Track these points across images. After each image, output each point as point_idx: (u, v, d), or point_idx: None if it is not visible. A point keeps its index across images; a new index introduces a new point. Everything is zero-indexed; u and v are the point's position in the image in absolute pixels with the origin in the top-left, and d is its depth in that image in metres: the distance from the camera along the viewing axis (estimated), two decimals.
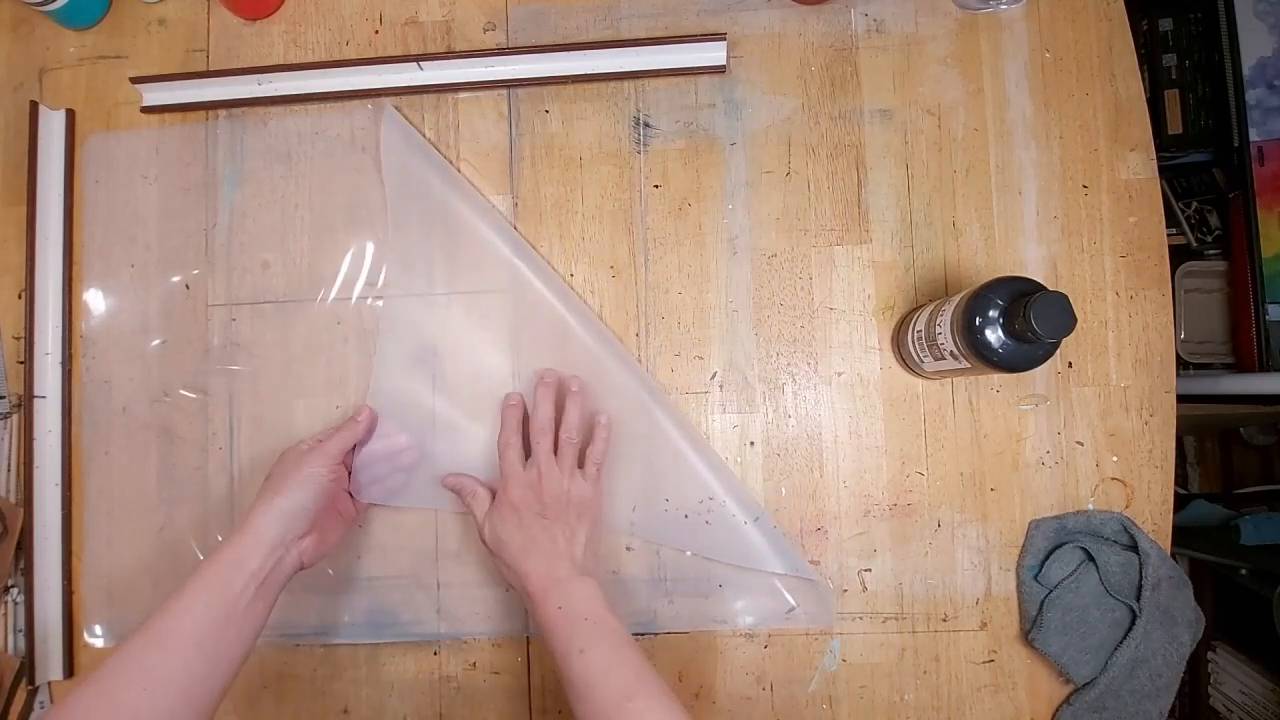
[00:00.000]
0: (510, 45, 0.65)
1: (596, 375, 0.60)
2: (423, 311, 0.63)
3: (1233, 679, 1.14)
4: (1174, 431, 0.60)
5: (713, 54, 0.63)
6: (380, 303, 0.63)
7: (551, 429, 0.56)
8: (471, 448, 0.61)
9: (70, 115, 0.66)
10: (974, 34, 0.63)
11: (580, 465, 0.56)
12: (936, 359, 0.54)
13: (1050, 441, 0.60)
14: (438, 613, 0.61)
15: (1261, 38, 1.05)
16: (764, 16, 0.64)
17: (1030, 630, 0.58)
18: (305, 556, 0.52)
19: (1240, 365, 1.09)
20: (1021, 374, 0.60)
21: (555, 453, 0.56)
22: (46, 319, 0.64)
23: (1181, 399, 0.60)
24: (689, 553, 0.60)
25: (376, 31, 0.66)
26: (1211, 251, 1.15)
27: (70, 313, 0.65)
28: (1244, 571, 1.11)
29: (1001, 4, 0.62)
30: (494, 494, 0.56)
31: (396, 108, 0.64)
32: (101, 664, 0.44)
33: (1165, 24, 1.13)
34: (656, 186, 0.63)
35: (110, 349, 0.64)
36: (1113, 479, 0.60)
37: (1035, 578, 0.58)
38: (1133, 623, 0.57)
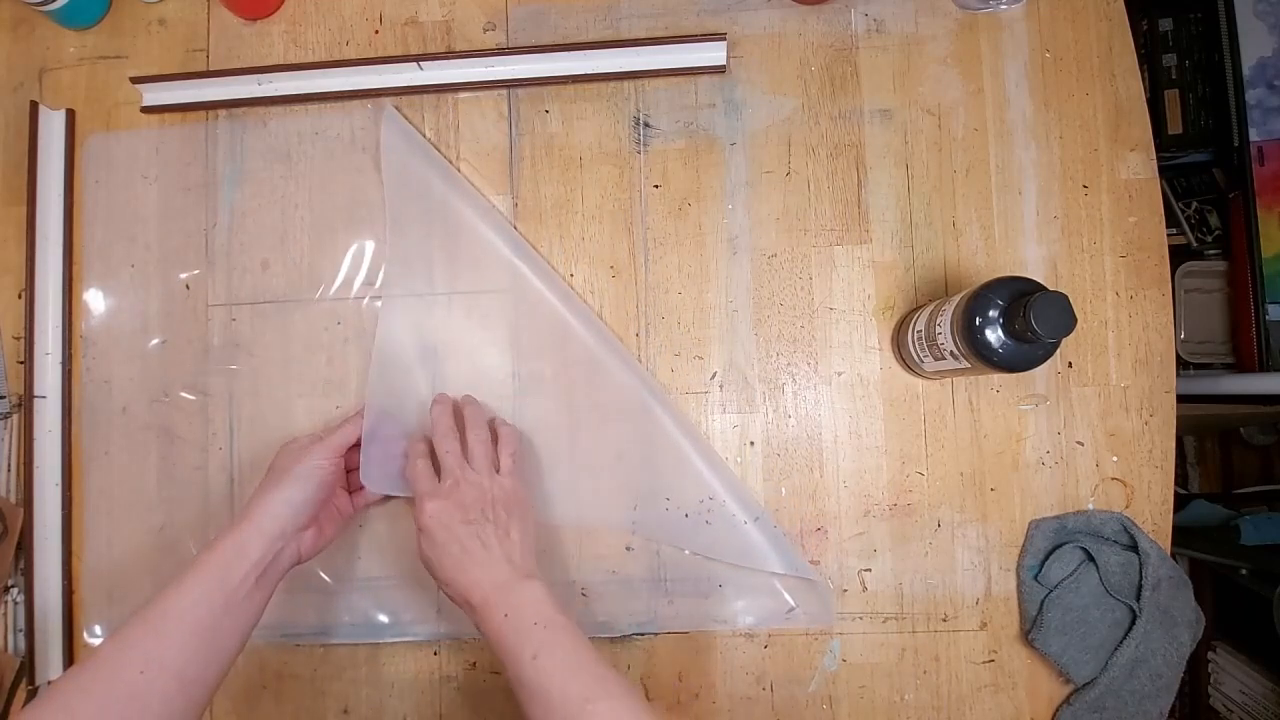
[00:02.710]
0: (510, 45, 0.65)
1: (596, 375, 0.60)
2: (423, 311, 0.63)
3: (1233, 679, 1.14)
4: (1174, 431, 0.60)
5: (713, 54, 0.63)
6: (380, 302, 0.63)
7: (455, 434, 0.54)
8: None
9: (70, 115, 0.66)
10: (974, 34, 0.63)
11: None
12: (936, 359, 0.54)
13: (1050, 441, 0.60)
14: (438, 613, 0.61)
15: (1261, 38, 1.05)
16: (764, 16, 0.64)
17: (1030, 630, 0.58)
18: (304, 549, 0.52)
19: (1240, 365, 1.09)
20: (1021, 374, 0.60)
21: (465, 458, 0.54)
22: (46, 319, 0.64)
23: (1181, 399, 0.60)
24: (688, 551, 0.60)
25: (376, 31, 0.66)
26: (1211, 251, 1.15)
27: (70, 313, 0.65)
28: (1244, 571, 1.11)
29: (1001, 4, 0.62)
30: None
31: (396, 108, 0.64)
32: (98, 646, 0.44)
33: (1165, 24, 1.13)
34: (656, 186, 0.63)
35: (110, 349, 0.64)
36: (1113, 479, 0.60)
37: (1035, 578, 0.58)
38: (1133, 623, 0.57)
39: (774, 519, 0.60)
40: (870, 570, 0.60)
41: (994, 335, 0.48)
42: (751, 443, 0.61)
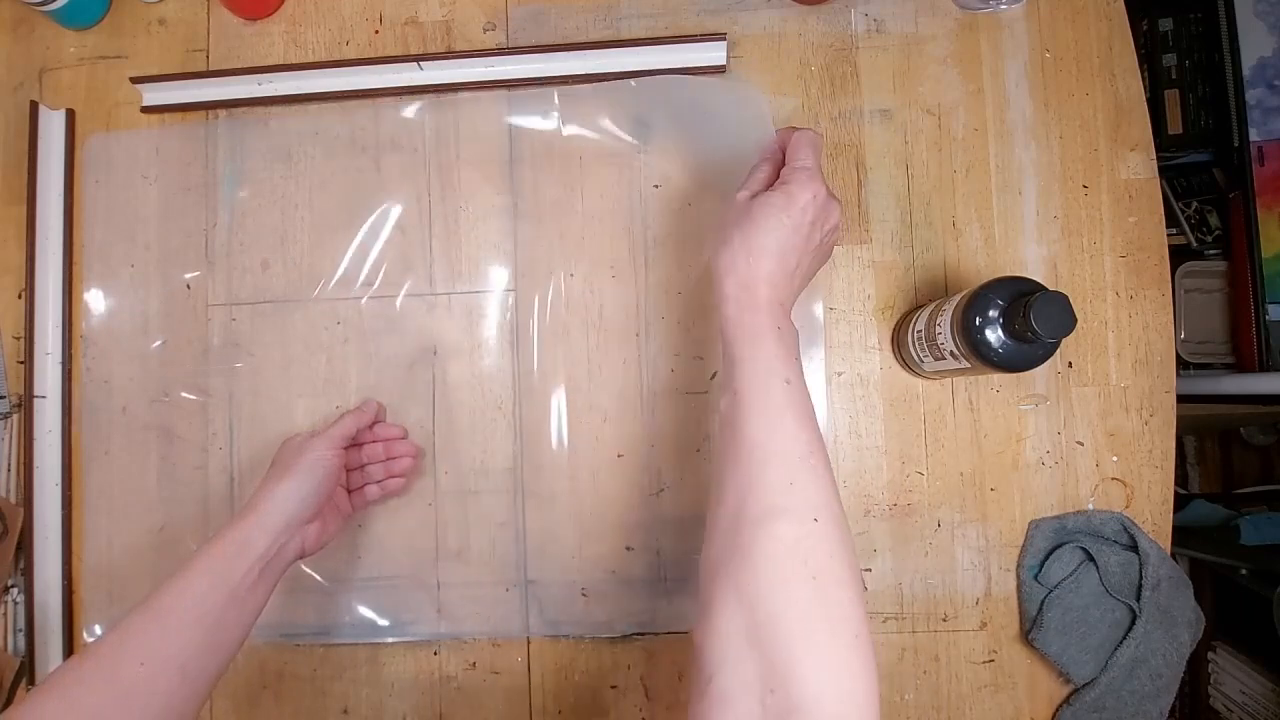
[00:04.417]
0: (510, 45, 0.65)
1: (597, 374, 0.60)
2: (423, 311, 0.63)
3: (1233, 679, 1.14)
4: (1174, 431, 0.60)
5: (713, 54, 0.63)
6: (380, 303, 0.63)
7: (821, 145, 0.49)
8: (471, 450, 0.61)
9: (70, 115, 0.66)
10: (974, 34, 0.63)
11: None
12: (936, 359, 0.54)
13: (1050, 441, 0.60)
14: (438, 613, 0.61)
15: (1261, 38, 1.05)
16: (764, 16, 0.64)
17: (1030, 630, 0.58)
18: (308, 543, 0.52)
19: (1240, 365, 1.08)
20: (1021, 374, 0.60)
21: None
22: (46, 319, 0.64)
23: (1181, 399, 0.60)
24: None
25: (376, 31, 0.66)
26: (1211, 251, 1.15)
27: (70, 313, 0.65)
28: (1244, 571, 1.11)
29: (1001, 4, 0.62)
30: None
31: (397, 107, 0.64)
32: (100, 638, 0.43)
33: (1165, 24, 1.13)
34: (656, 186, 0.63)
35: (110, 349, 0.64)
36: (1113, 479, 0.60)
37: (1035, 578, 0.58)
38: (1133, 623, 0.56)
39: None
40: (870, 570, 0.60)
41: (994, 335, 0.48)
42: None
